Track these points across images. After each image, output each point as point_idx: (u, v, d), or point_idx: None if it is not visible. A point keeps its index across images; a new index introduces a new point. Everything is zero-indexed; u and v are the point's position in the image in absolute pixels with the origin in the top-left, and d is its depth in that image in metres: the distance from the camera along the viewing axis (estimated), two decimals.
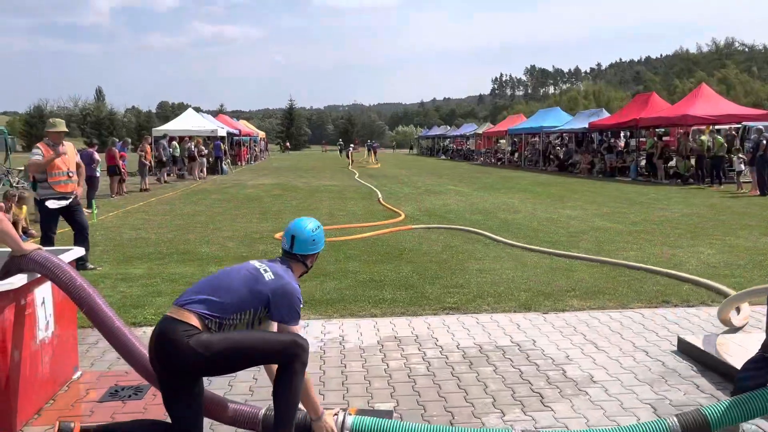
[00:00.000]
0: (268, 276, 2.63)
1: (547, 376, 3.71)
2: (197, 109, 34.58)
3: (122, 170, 16.90)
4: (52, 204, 6.59)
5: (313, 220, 2.89)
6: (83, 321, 4.65)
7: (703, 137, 18.38)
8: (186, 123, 28.06)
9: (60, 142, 6.71)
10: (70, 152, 6.79)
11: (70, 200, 6.71)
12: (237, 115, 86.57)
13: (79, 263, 6.59)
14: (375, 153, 46.79)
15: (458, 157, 46.83)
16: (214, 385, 3.64)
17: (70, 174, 6.72)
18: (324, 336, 4.49)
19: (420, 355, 4.07)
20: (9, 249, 3.13)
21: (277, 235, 8.74)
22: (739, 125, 21.35)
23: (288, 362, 2.55)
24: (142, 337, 4.47)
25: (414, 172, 28.06)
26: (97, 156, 14.73)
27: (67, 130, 6.89)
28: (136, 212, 12.49)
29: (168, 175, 22.02)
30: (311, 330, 4.61)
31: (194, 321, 2.50)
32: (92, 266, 6.83)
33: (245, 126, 40.55)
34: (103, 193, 15.90)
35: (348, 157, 40.71)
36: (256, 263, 2.73)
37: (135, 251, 7.90)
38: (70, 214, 6.73)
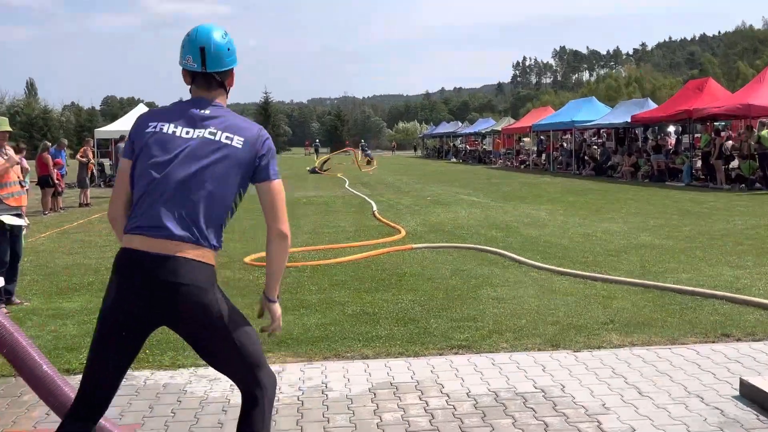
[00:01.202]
0: (237, 141, 2.52)
1: (578, 430, 3.69)
2: (150, 105, 34.81)
3: (57, 181, 16.92)
4: (9, 220, 6.53)
5: (215, 25, 2.67)
6: (4, 368, 4.62)
7: (763, 132, 18.43)
8: None
9: (3, 145, 6.70)
10: (14, 157, 6.78)
11: (24, 218, 6.72)
12: None
13: (4, 296, 6.58)
14: (367, 155, 47.03)
15: (472, 159, 47.03)
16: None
17: (23, 184, 6.71)
18: (302, 383, 4.47)
19: (421, 406, 4.05)
20: None
21: (248, 259, 8.73)
22: None
23: (258, 390, 2.56)
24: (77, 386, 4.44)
25: (417, 178, 28.12)
26: (25, 164, 14.76)
27: (11, 129, 6.88)
28: (73, 232, 12.49)
29: None
30: (286, 376, 4.59)
31: (210, 257, 2.50)
32: (19, 300, 6.82)
33: None
34: (33, 210, 15.90)
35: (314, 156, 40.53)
36: (202, 133, 2.51)
37: (71, 281, 7.88)
38: (9, 235, 6.66)
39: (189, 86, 2.67)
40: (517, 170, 34.02)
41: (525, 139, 39.88)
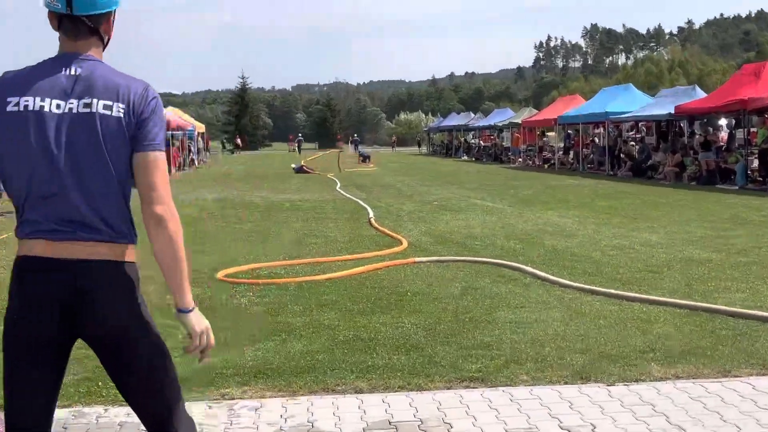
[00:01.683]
0: (118, 109, 2.43)
1: None
2: None
3: None
4: None
5: None
6: None
7: None
8: None
9: None
10: None
11: None
12: (165, 99, 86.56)
13: None
14: (361, 153, 47.22)
15: (486, 157, 47.08)
16: None
17: None
18: (285, 422, 4.46)
19: None
20: None
21: (221, 274, 8.73)
22: None
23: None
24: None
25: (422, 179, 28.16)
26: None
27: None
28: (6, 245, 12.45)
29: None
30: (265, 414, 4.58)
31: (131, 253, 2.50)
32: None
33: (176, 115, 40.83)
34: None
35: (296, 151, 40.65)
36: (76, 106, 2.42)
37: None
38: None
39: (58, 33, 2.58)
40: (540, 170, 34.05)
41: (549, 134, 39.92)
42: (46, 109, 2.43)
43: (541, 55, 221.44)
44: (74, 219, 2.42)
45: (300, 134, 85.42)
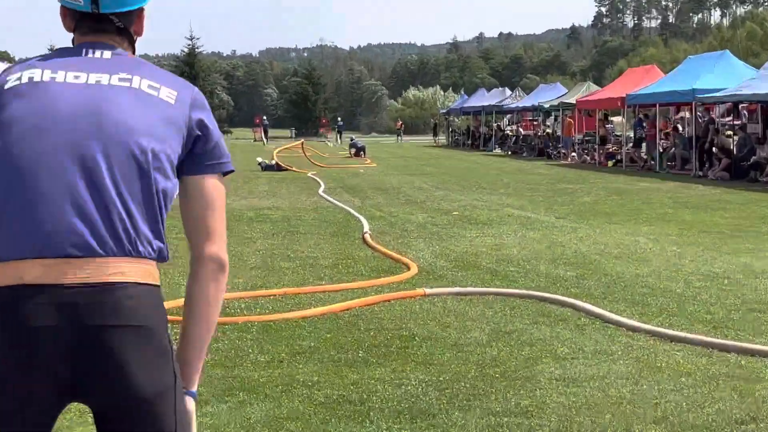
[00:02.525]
0: (167, 94, 2.49)
1: None
2: (4, 57, 35.06)
3: None
4: None
5: None
6: None
7: None
8: None
9: None
10: None
11: None
12: None
13: None
14: (353, 144, 47.45)
15: (528, 151, 47.14)
16: None
17: None
18: None
19: None
20: None
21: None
22: None
23: None
24: None
25: (437, 180, 28.24)
26: None
27: None
28: None
29: None
30: None
31: (155, 273, 2.42)
32: None
33: None
34: None
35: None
36: (106, 78, 2.44)
37: None
38: None
39: (71, 36, 2.61)
40: (601, 169, 34.09)
41: (615, 119, 40.01)
42: (59, 80, 2.43)
43: (603, 10, 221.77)
44: (89, 226, 2.32)
45: (265, 117, 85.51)
